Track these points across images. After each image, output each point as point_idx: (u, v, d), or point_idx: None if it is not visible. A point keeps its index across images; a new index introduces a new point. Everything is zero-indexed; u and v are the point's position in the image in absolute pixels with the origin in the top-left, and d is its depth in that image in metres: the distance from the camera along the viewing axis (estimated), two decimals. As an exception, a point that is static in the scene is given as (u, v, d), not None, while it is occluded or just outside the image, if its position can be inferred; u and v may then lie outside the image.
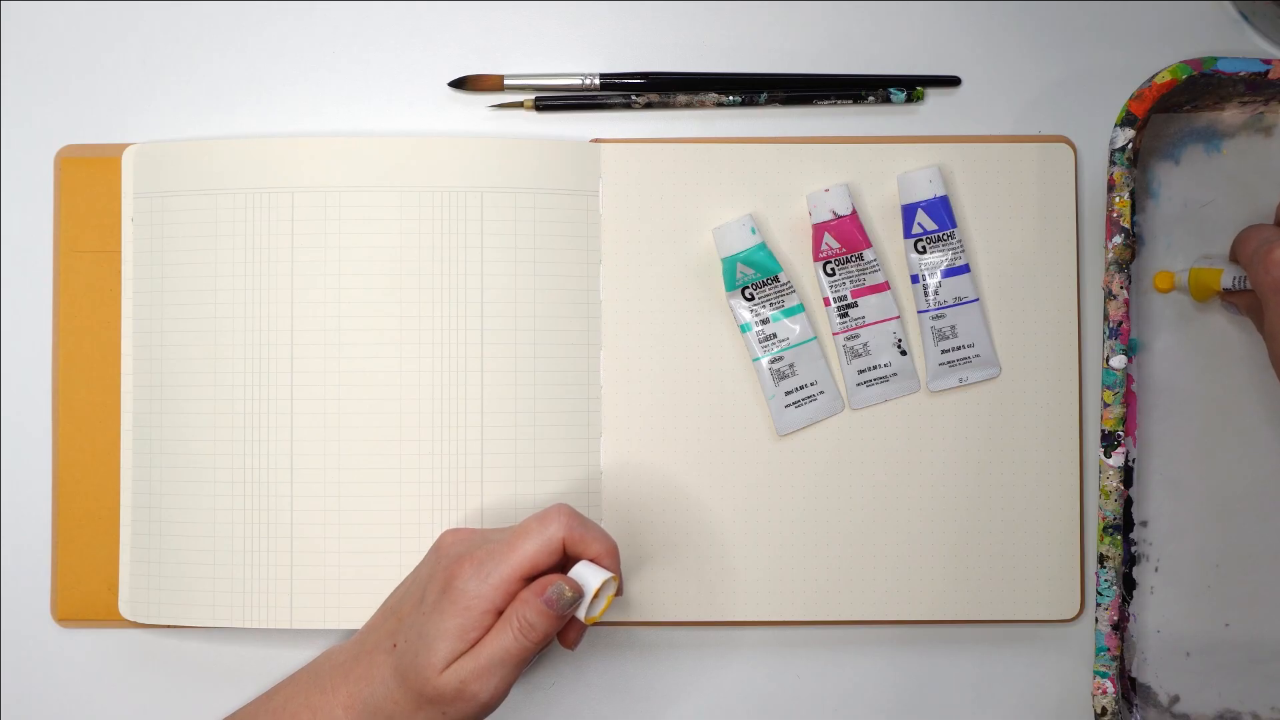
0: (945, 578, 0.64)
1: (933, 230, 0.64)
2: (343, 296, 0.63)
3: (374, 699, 0.57)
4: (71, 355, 0.65)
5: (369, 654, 0.58)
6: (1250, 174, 0.65)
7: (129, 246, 0.65)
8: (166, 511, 0.63)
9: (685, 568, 0.64)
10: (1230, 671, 0.64)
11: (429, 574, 0.58)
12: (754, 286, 0.64)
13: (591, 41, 0.67)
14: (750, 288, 0.63)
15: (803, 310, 0.64)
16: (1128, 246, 0.61)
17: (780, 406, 0.64)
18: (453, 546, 0.59)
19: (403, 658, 0.56)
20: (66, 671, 0.65)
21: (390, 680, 0.57)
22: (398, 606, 0.59)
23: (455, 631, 0.55)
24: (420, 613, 0.57)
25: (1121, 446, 0.60)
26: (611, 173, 0.65)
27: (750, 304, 0.64)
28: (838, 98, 0.66)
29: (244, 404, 0.63)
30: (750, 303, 0.64)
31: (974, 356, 0.64)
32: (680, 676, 0.65)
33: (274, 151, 0.64)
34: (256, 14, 0.67)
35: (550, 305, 0.64)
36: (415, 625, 0.57)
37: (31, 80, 0.67)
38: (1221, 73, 0.60)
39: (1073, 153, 0.65)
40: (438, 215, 0.64)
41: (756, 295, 0.64)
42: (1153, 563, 0.65)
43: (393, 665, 0.57)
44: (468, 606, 0.56)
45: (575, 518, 0.57)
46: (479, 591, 0.56)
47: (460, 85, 0.66)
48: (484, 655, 0.55)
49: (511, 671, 0.56)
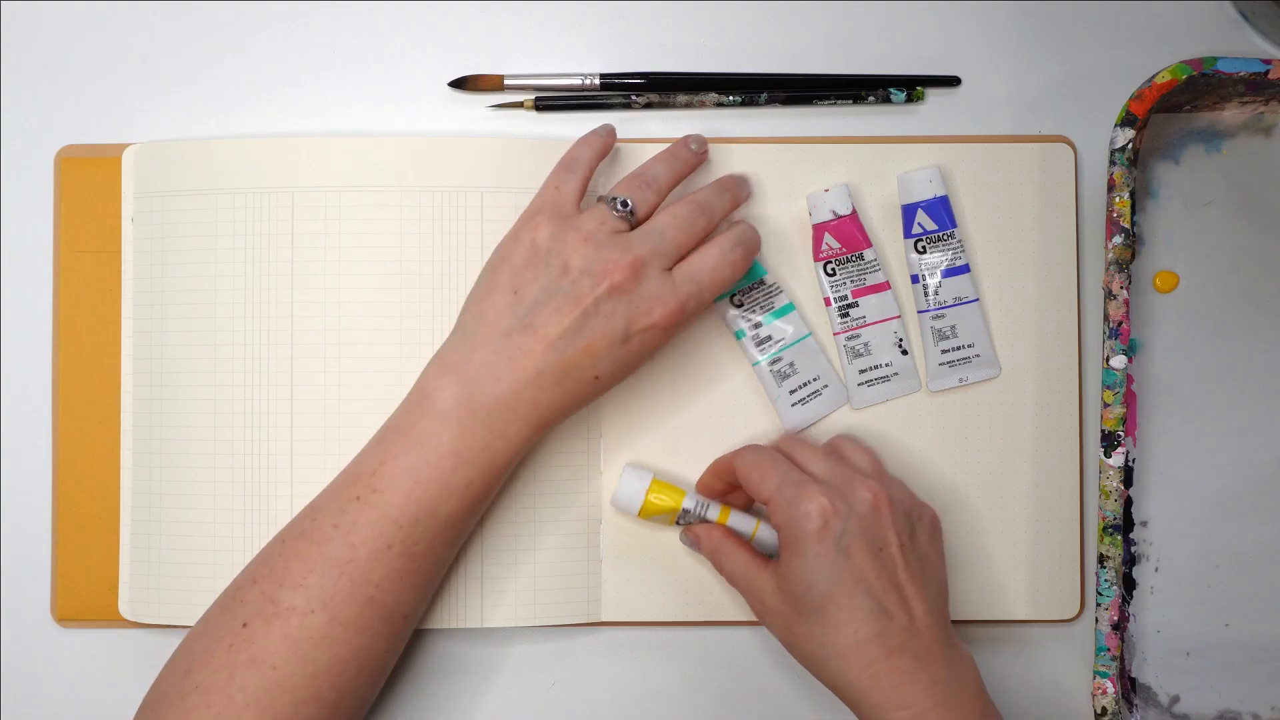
0: (945, 578, 0.64)
1: (933, 230, 0.64)
2: (343, 296, 0.63)
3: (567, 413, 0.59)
4: (71, 355, 0.65)
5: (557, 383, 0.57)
6: (1250, 174, 0.65)
7: (129, 246, 0.65)
8: (166, 511, 0.63)
9: (686, 568, 0.64)
10: (1230, 671, 0.64)
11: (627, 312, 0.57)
12: (741, 294, 0.64)
13: (591, 41, 0.67)
14: (739, 294, 0.64)
15: (793, 309, 0.64)
16: (1128, 246, 0.61)
17: (786, 406, 0.64)
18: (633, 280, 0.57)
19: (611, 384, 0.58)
20: (66, 671, 0.65)
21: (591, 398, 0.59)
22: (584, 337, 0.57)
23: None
24: (628, 351, 0.57)
25: (1121, 446, 0.60)
26: (611, 173, 0.65)
27: (741, 310, 0.64)
28: (838, 98, 0.66)
29: (244, 404, 0.63)
30: (741, 309, 0.64)
31: (974, 356, 0.64)
32: (680, 676, 0.65)
33: (274, 151, 0.64)
34: (256, 14, 0.67)
35: (550, 305, 0.64)
36: (626, 363, 0.58)
37: (31, 80, 0.67)
38: (1221, 73, 0.60)
39: (1073, 153, 0.65)
40: (438, 215, 0.64)
41: (745, 301, 0.64)
42: (1153, 563, 0.65)
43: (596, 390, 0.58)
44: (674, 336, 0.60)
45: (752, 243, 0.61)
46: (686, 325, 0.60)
47: (460, 85, 0.66)
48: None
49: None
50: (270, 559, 0.57)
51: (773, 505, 0.57)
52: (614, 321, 0.57)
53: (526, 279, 0.57)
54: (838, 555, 0.56)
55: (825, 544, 0.56)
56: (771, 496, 0.58)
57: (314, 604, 0.56)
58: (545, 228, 0.58)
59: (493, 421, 0.57)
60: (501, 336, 0.57)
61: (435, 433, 0.57)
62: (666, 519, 0.62)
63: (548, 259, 0.57)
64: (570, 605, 0.64)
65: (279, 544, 0.58)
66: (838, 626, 0.56)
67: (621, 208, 0.58)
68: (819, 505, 0.56)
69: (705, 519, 0.62)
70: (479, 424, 0.57)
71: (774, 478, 0.58)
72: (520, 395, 0.57)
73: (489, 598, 0.63)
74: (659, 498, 0.62)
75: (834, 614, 0.56)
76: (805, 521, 0.56)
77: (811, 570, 0.56)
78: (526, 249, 0.58)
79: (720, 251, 0.59)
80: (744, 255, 0.59)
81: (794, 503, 0.57)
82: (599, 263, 0.57)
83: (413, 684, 0.65)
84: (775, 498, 0.57)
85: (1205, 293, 0.65)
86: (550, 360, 0.56)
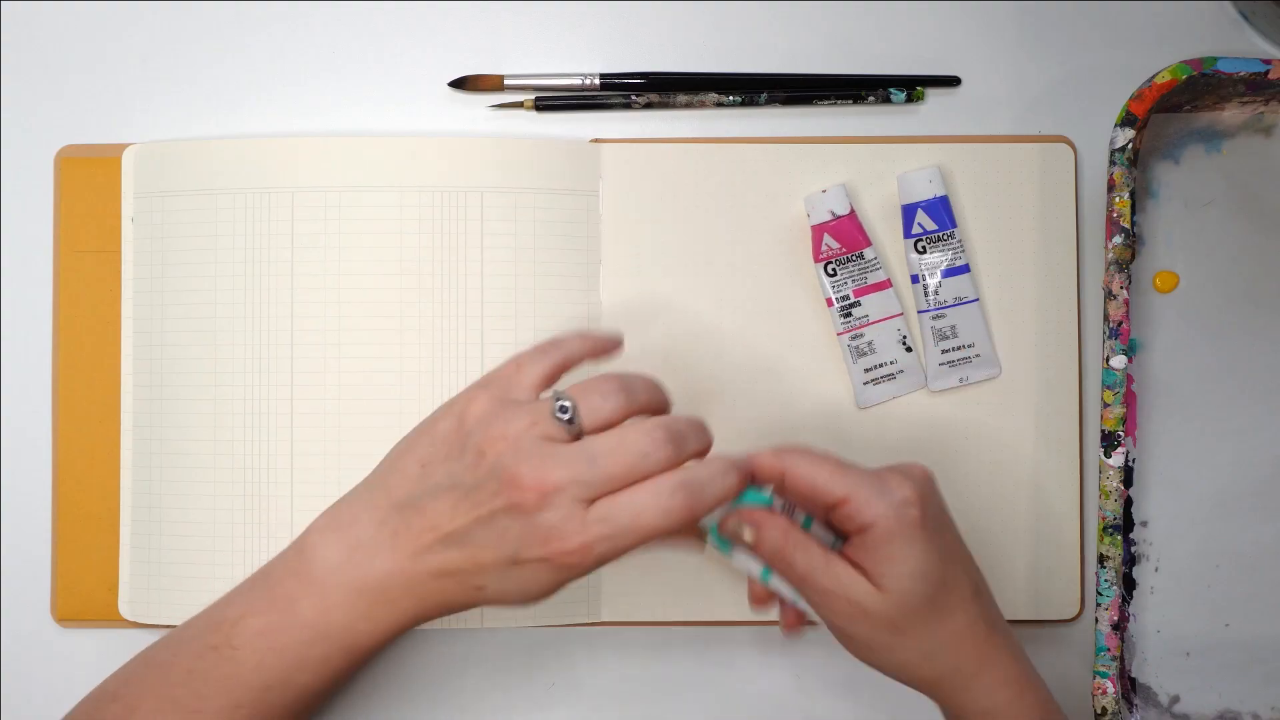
0: (945, 578, 0.64)
1: (933, 230, 0.64)
2: (343, 296, 0.63)
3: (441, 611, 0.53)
4: (71, 355, 0.65)
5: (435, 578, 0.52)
6: (1250, 174, 0.65)
7: (129, 246, 0.65)
8: (166, 511, 0.63)
9: (686, 568, 0.64)
10: (1230, 671, 0.64)
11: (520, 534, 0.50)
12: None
13: (591, 41, 0.67)
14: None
15: None
16: (1128, 246, 0.61)
17: None
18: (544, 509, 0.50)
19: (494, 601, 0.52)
20: (66, 671, 0.65)
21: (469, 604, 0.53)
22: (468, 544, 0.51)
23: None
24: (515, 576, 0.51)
25: (1121, 446, 0.60)
26: (611, 173, 0.65)
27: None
28: (838, 98, 0.66)
29: (244, 404, 0.63)
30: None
31: (974, 356, 0.64)
32: (680, 676, 0.65)
33: (274, 151, 0.64)
34: (256, 14, 0.67)
35: (550, 305, 0.64)
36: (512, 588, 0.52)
37: (31, 80, 0.67)
38: (1221, 73, 0.60)
39: (1073, 153, 0.65)
40: (438, 215, 0.64)
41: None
42: (1153, 563, 0.65)
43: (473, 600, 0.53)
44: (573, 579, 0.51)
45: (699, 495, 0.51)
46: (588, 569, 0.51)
47: (460, 85, 0.66)
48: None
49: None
50: (130, 680, 0.55)
51: (854, 502, 0.52)
52: (505, 541, 0.50)
53: (438, 455, 0.52)
54: (940, 539, 0.53)
55: (929, 530, 0.52)
56: (851, 493, 0.52)
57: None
58: (480, 405, 0.52)
59: (359, 600, 0.52)
60: (394, 508, 0.52)
61: (298, 597, 0.53)
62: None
63: (465, 443, 0.51)
64: (570, 605, 0.64)
65: (142, 665, 0.55)
66: (950, 612, 0.53)
67: (561, 414, 0.51)
68: (909, 492, 0.52)
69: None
70: (345, 599, 0.52)
71: (849, 473, 0.53)
72: (394, 579, 0.52)
73: (489, 598, 0.63)
74: None
75: (946, 600, 0.53)
76: (907, 509, 0.52)
77: (925, 561, 0.52)
78: (453, 422, 0.52)
79: (655, 495, 0.50)
80: (685, 503, 0.50)
81: (883, 494, 0.52)
82: (508, 471, 0.50)
83: (413, 684, 0.65)
84: (856, 493, 0.52)
85: (1205, 293, 0.65)
86: (433, 553, 0.51)
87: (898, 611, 0.52)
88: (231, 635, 0.53)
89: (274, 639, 0.53)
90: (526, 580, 0.51)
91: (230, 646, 0.53)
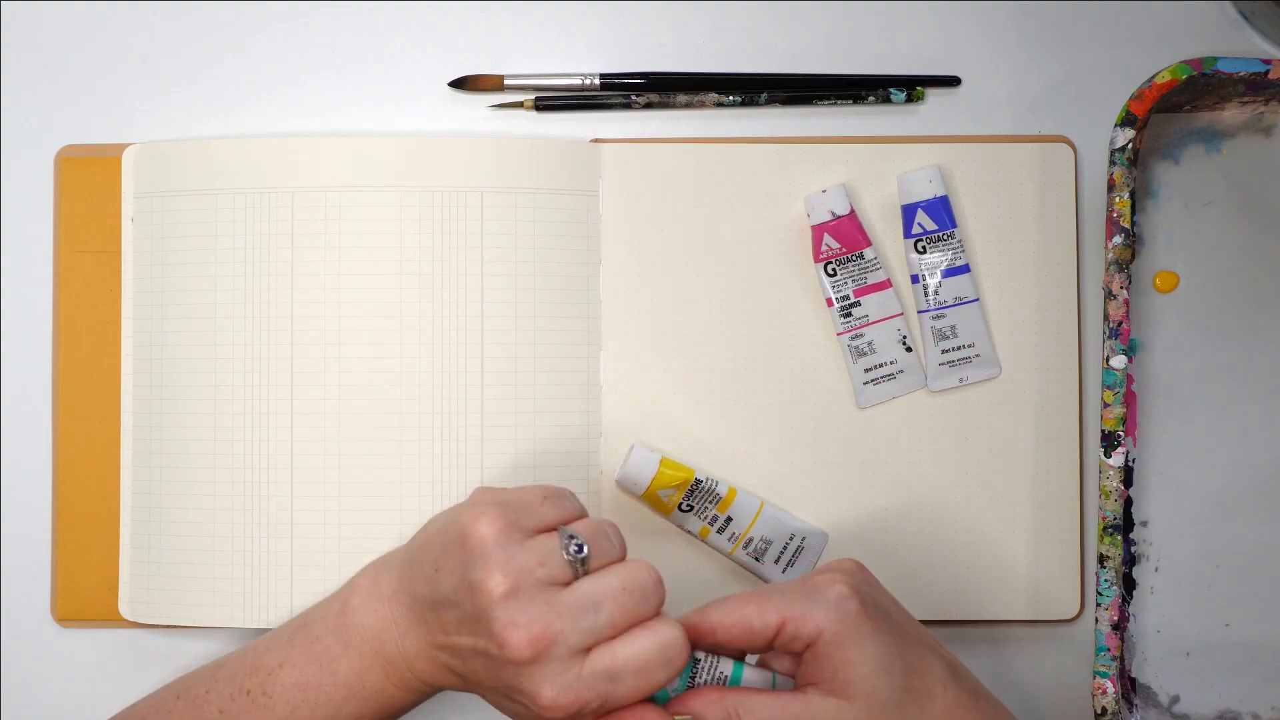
0: (945, 578, 0.64)
1: (933, 230, 0.64)
2: (343, 296, 0.63)
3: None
4: (71, 355, 0.65)
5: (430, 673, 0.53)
6: (1250, 174, 0.65)
7: (129, 246, 0.65)
8: (166, 511, 0.63)
9: (685, 568, 0.64)
10: (1230, 671, 0.64)
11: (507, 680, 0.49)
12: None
13: (591, 41, 0.67)
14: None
15: None
16: (1128, 246, 0.61)
17: None
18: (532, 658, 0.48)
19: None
20: (66, 671, 0.65)
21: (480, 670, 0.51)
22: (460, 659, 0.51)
23: None
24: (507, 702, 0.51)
25: (1121, 446, 0.60)
26: (611, 173, 0.65)
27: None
28: (838, 98, 0.66)
29: (244, 404, 0.63)
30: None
31: (974, 356, 0.64)
32: (680, 676, 0.65)
33: (274, 151, 0.64)
34: (256, 14, 0.67)
35: (550, 305, 0.64)
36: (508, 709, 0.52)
37: (31, 80, 0.67)
38: (1221, 73, 0.60)
39: (1073, 153, 0.65)
40: (438, 215, 0.64)
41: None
42: (1153, 563, 0.65)
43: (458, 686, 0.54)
44: None
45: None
46: None
47: (460, 85, 0.66)
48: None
49: None
50: (161, 709, 0.56)
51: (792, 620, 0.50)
52: (500, 680, 0.49)
53: (448, 566, 0.51)
54: (888, 624, 0.51)
55: (875, 618, 0.50)
56: (784, 613, 0.50)
57: None
58: (493, 526, 0.50)
59: (393, 669, 0.54)
60: (418, 599, 0.53)
61: (338, 656, 0.54)
62: (673, 496, 0.62)
63: (470, 564, 0.49)
64: (570, 605, 0.64)
65: (174, 697, 0.56)
66: (929, 695, 0.51)
67: (575, 552, 0.49)
68: (843, 587, 0.51)
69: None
70: (381, 666, 0.54)
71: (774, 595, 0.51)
72: (422, 658, 0.53)
73: (489, 598, 0.63)
74: (671, 470, 0.61)
75: (920, 684, 0.51)
76: (845, 605, 0.50)
77: (883, 651, 0.50)
78: (460, 534, 0.50)
79: (660, 643, 0.48)
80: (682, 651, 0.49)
81: (817, 600, 0.50)
82: (505, 618, 0.48)
83: (413, 684, 0.65)
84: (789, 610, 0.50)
85: (1205, 293, 0.65)
86: (445, 654, 0.52)
87: (876, 713, 0.50)
88: (267, 683, 0.54)
89: (310, 693, 0.54)
90: (522, 712, 0.50)
91: (265, 694, 0.54)
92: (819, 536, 0.63)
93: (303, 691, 0.54)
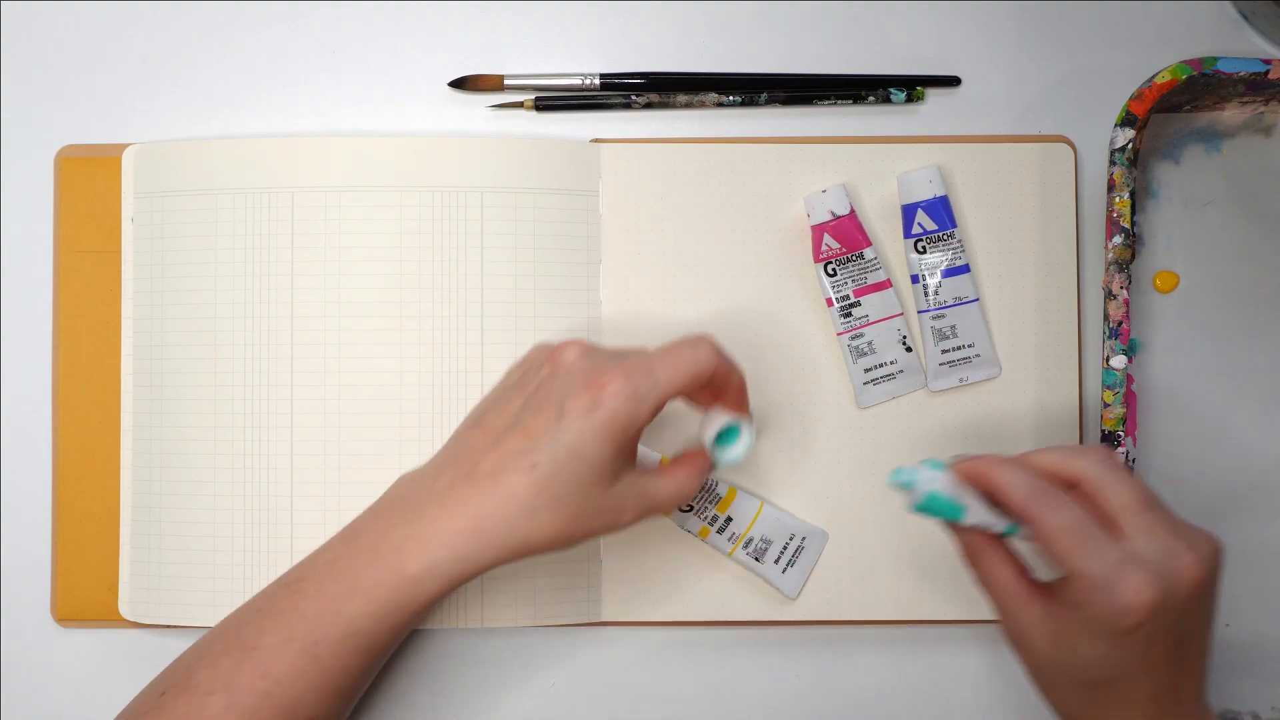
0: (946, 578, 0.64)
1: (933, 230, 0.64)
2: (343, 297, 0.64)
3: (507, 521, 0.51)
4: (71, 355, 0.65)
5: (490, 476, 0.52)
6: (1250, 174, 0.65)
7: (129, 246, 0.65)
8: (166, 511, 0.63)
9: (686, 568, 0.64)
10: (1230, 671, 0.64)
11: (564, 388, 0.52)
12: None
13: (591, 41, 0.67)
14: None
15: None
16: (1128, 246, 0.61)
17: None
18: (582, 359, 0.53)
19: (553, 479, 0.51)
20: (66, 671, 0.65)
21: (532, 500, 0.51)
22: (520, 424, 0.53)
23: (614, 455, 0.51)
24: (564, 429, 0.51)
25: (1121, 446, 0.60)
26: (611, 173, 0.65)
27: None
28: (838, 98, 0.66)
29: (244, 404, 0.63)
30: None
31: (974, 356, 0.64)
32: (680, 676, 0.65)
33: (274, 151, 0.64)
34: (256, 14, 0.67)
35: (550, 305, 0.64)
36: (563, 443, 0.51)
37: (31, 80, 0.67)
38: (1221, 73, 0.60)
39: (1073, 153, 0.65)
40: (438, 215, 0.64)
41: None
42: (1153, 563, 0.65)
43: (535, 486, 0.51)
44: (623, 427, 0.51)
45: (720, 349, 0.54)
46: (635, 412, 0.51)
47: (460, 85, 0.66)
48: (642, 485, 0.54)
49: (651, 513, 0.55)
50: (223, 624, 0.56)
51: (1080, 578, 0.48)
52: (550, 398, 0.52)
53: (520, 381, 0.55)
54: (1139, 649, 0.49)
55: (1133, 640, 0.48)
56: (1081, 568, 0.48)
57: (217, 686, 0.53)
58: (576, 353, 0.54)
59: (416, 519, 0.53)
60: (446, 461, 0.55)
61: (364, 524, 0.55)
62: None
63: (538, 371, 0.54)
64: (570, 605, 0.64)
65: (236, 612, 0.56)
66: (1107, 704, 0.50)
67: None
68: (1142, 601, 0.47)
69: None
70: (402, 520, 0.54)
71: (1083, 538, 0.49)
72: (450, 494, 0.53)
73: (489, 598, 0.63)
74: None
75: (1107, 694, 0.50)
76: (1120, 618, 0.48)
77: (1104, 659, 0.49)
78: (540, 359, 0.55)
79: (692, 345, 0.54)
80: (710, 353, 0.53)
81: (1110, 587, 0.48)
82: (550, 349, 0.55)
83: (412, 684, 0.65)
84: (1085, 569, 0.48)
85: (1205, 293, 0.65)
86: (487, 455, 0.53)
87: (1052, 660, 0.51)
88: (304, 570, 0.55)
89: (336, 566, 0.54)
90: (575, 436, 0.51)
91: (300, 579, 0.55)
92: (819, 536, 0.64)
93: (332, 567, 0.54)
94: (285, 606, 0.54)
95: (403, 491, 0.55)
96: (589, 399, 0.51)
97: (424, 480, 0.55)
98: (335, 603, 0.53)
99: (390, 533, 0.53)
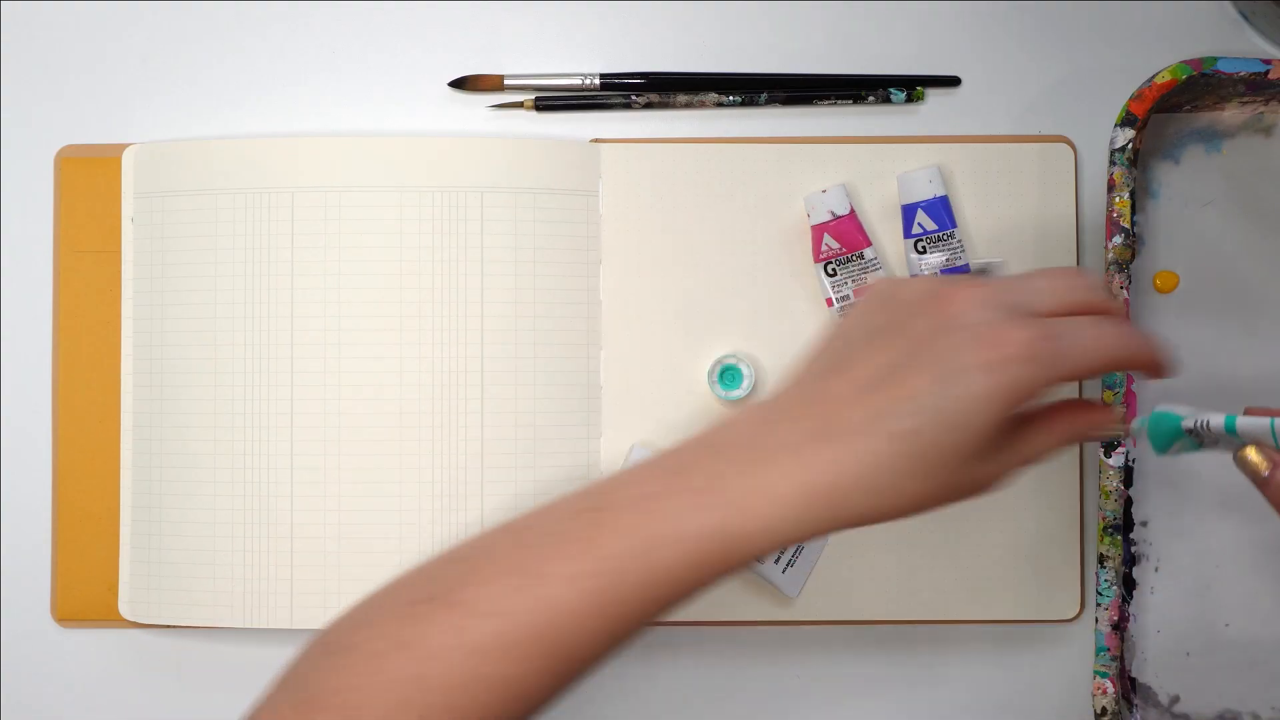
0: (945, 578, 0.64)
1: (933, 230, 0.64)
2: (343, 297, 0.64)
3: (871, 489, 0.44)
4: (71, 355, 0.65)
5: (858, 435, 0.44)
6: (1250, 174, 0.65)
7: (129, 246, 0.65)
8: (166, 511, 0.63)
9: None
10: (1230, 671, 0.64)
11: (955, 345, 0.44)
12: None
13: (591, 41, 0.67)
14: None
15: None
16: (1128, 246, 0.61)
17: None
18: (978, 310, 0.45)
19: (931, 448, 0.44)
20: (66, 671, 0.65)
21: (902, 470, 0.44)
22: (895, 379, 0.44)
23: (1001, 425, 0.44)
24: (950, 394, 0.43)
25: (1121, 446, 0.60)
26: (611, 173, 0.65)
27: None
28: (838, 98, 0.66)
29: (244, 404, 0.63)
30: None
31: (974, 356, 0.64)
32: (680, 676, 0.65)
33: (274, 151, 0.64)
34: (256, 14, 0.67)
35: (550, 305, 0.64)
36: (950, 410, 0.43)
37: (31, 80, 0.67)
38: (1221, 73, 0.60)
39: (1073, 153, 0.65)
40: (438, 215, 0.64)
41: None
42: (1153, 563, 0.65)
43: (909, 455, 0.44)
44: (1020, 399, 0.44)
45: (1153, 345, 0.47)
46: (1036, 380, 0.44)
47: (460, 85, 0.66)
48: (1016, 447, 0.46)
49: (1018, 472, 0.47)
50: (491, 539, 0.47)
51: None
52: (937, 353, 0.44)
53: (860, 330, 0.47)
54: None
55: None
56: None
57: (493, 609, 0.45)
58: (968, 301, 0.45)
59: (764, 469, 0.45)
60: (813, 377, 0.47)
61: (691, 460, 0.46)
62: None
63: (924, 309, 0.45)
64: (570, 605, 0.64)
65: (506, 525, 0.47)
66: None
67: None
68: None
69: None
70: (748, 466, 0.45)
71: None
72: (806, 447, 0.45)
73: (489, 598, 0.63)
74: None
75: None
76: None
77: None
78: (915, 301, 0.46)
79: (1116, 324, 0.45)
80: (1143, 342, 0.46)
81: None
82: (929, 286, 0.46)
83: (413, 684, 0.65)
84: None
85: (1205, 293, 0.65)
86: (852, 406, 0.45)
87: None
88: (612, 498, 0.46)
89: (649, 504, 0.45)
90: (965, 405, 0.43)
91: (602, 510, 0.46)
92: None
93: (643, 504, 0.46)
94: (577, 535, 0.45)
95: (747, 432, 0.46)
96: (984, 360, 0.43)
97: (772, 423, 0.46)
98: (645, 545, 0.44)
99: (727, 479, 0.45)
